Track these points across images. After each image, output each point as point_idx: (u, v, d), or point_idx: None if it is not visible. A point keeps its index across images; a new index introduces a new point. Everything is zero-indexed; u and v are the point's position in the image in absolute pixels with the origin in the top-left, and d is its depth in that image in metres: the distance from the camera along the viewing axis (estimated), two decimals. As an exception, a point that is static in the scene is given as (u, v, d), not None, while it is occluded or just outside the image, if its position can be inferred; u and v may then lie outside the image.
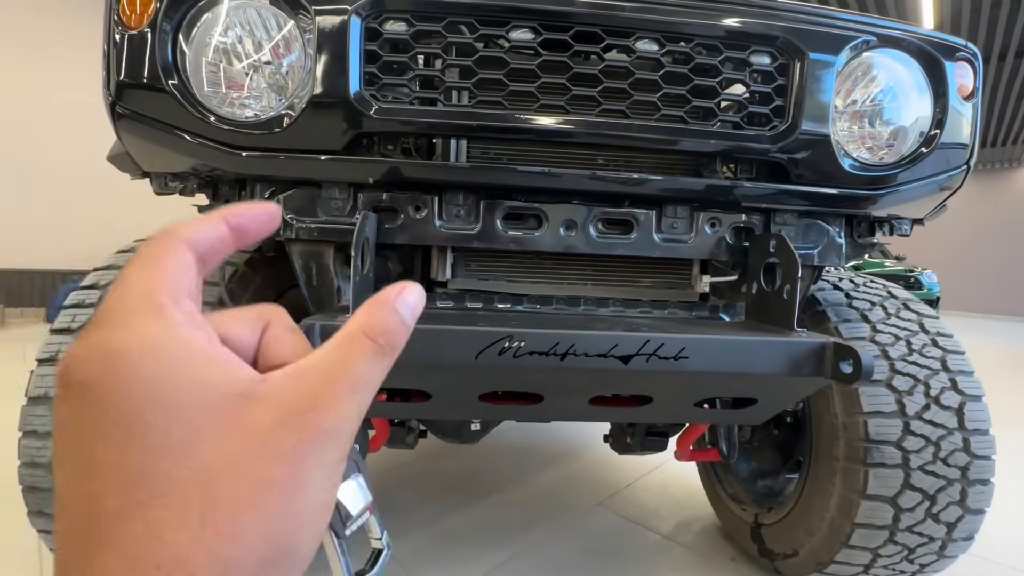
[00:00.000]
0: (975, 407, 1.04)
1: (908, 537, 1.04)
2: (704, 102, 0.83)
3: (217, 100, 0.79)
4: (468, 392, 0.80)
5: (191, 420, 0.19)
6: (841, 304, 1.16)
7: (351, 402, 0.21)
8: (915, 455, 1.01)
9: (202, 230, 0.23)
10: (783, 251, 0.81)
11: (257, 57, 0.79)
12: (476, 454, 2.05)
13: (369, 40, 0.78)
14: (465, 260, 0.93)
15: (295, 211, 0.84)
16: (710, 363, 0.69)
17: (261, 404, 0.20)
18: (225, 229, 0.24)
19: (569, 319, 0.83)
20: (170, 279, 0.21)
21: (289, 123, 0.78)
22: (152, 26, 0.75)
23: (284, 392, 0.20)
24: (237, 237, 0.25)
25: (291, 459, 0.19)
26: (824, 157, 0.85)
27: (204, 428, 0.19)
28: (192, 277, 0.22)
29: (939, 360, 1.07)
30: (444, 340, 0.66)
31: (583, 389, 0.79)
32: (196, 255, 0.23)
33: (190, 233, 0.23)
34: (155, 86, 0.76)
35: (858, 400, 1.03)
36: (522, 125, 0.79)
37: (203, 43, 0.78)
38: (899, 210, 0.96)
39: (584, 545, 1.47)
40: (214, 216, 0.24)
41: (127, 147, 0.87)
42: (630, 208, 0.87)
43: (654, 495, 1.80)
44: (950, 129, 0.90)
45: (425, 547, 1.41)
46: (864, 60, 0.87)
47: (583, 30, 0.79)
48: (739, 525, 1.43)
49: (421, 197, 0.83)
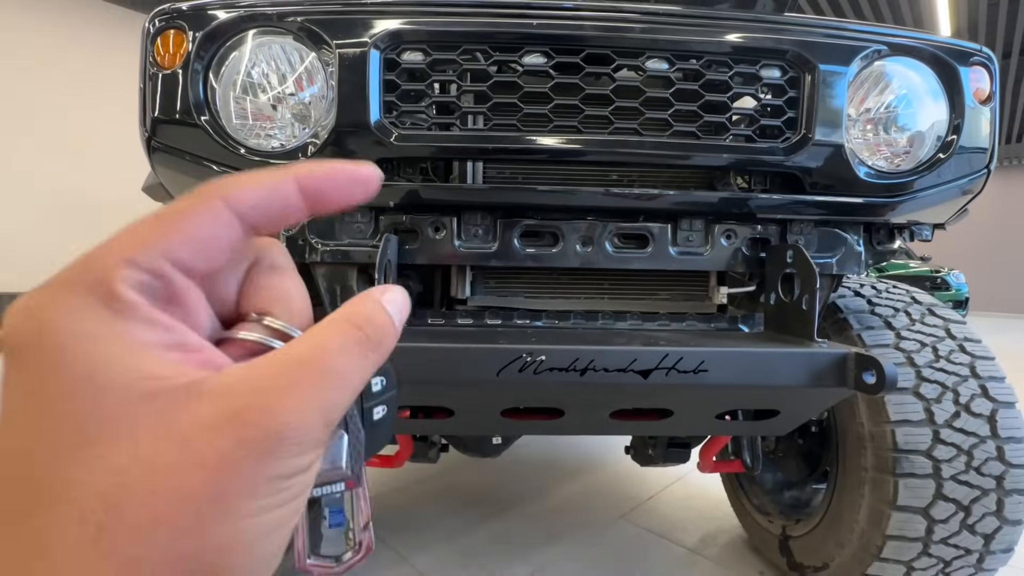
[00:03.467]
0: (1008, 414, 1.01)
1: (943, 549, 1.01)
2: (715, 117, 0.84)
3: (245, 132, 0.83)
4: (490, 408, 0.81)
5: (111, 416, 0.16)
6: (863, 311, 1.15)
7: (316, 399, 0.17)
8: (946, 464, 0.98)
9: (261, 192, 0.19)
10: (800, 261, 0.81)
11: (281, 90, 0.83)
12: (498, 467, 2.05)
13: (388, 70, 0.81)
14: (484, 278, 0.95)
15: (319, 235, 0.87)
16: (730, 376, 0.69)
17: (203, 400, 0.16)
18: (292, 189, 0.20)
19: (588, 334, 0.84)
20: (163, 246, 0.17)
21: (314, 151, 0.81)
22: (184, 66, 0.80)
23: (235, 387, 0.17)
24: (312, 203, 0.20)
25: (218, 467, 0.15)
26: (839, 166, 0.85)
27: (123, 426, 0.16)
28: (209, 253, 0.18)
29: (968, 366, 1.05)
30: (465, 358, 0.67)
31: (603, 403, 0.80)
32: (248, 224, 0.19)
33: (240, 195, 0.19)
34: (188, 121, 0.81)
35: (885, 409, 1.01)
36: (536, 146, 0.82)
37: (231, 79, 0.82)
38: (919, 216, 0.96)
39: (608, 559, 1.46)
40: (282, 171, 0.20)
41: (161, 178, 0.91)
42: (645, 223, 0.88)
43: (677, 507, 1.78)
44: (968, 133, 0.89)
45: (448, 561, 1.42)
46: (876, 69, 0.87)
47: (594, 52, 0.81)
48: (766, 537, 1.41)
49: (440, 218, 0.86)
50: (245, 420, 0.16)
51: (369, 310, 0.20)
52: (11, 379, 0.16)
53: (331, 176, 0.21)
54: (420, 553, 1.44)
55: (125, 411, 0.16)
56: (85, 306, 0.16)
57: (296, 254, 0.88)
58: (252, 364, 0.17)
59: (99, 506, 0.15)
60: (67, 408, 0.15)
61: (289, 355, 0.18)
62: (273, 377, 0.17)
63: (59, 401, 0.16)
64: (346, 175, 0.21)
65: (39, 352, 0.16)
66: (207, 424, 0.16)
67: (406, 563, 1.40)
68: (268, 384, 0.17)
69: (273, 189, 0.19)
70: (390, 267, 0.78)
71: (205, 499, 0.15)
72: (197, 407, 0.16)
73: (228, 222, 0.18)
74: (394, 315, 0.21)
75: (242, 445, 0.16)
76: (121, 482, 0.15)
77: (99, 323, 0.16)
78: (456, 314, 0.90)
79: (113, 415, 0.16)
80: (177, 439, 0.16)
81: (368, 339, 0.19)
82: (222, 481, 0.16)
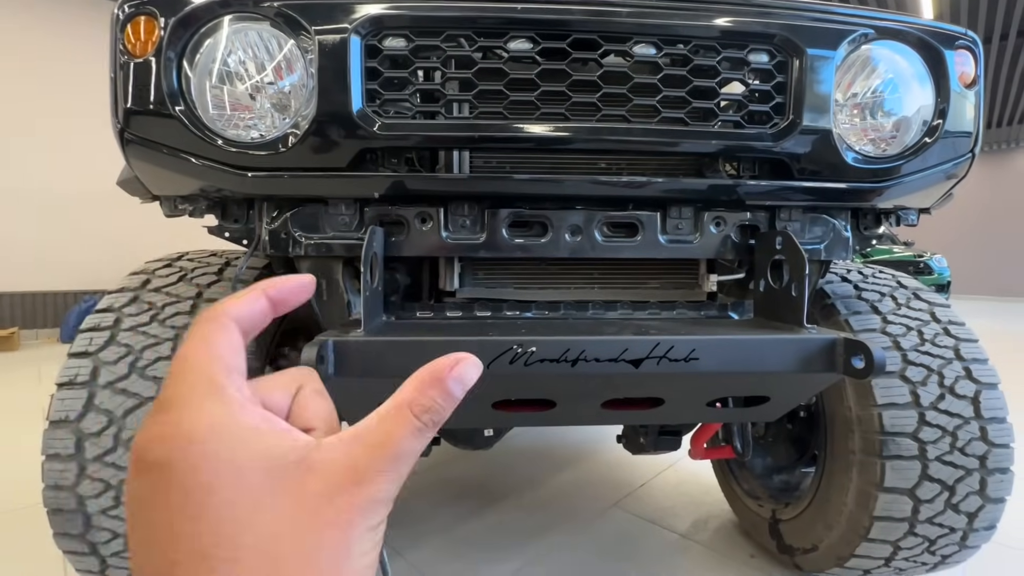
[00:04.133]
0: (991, 395, 1.03)
1: (928, 529, 1.03)
2: (704, 103, 0.84)
3: (223, 123, 0.80)
4: (481, 401, 0.80)
5: (253, 492, 0.21)
6: (850, 296, 1.16)
7: (394, 474, 0.23)
8: (932, 446, 1.00)
9: (246, 306, 0.27)
10: (789, 248, 0.81)
11: (259, 78, 0.80)
12: (490, 459, 2.05)
13: (369, 57, 0.79)
14: (472, 269, 0.94)
15: (303, 228, 0.85)
16: (721, 363, 0.69)
17: (315, 474, 0.22)
18: (265, 303, 0.28)
19: (578, 324, 0.83)
20: (224, 359, 0.24)
21: (294, 142, 0.79)
22: (157, 54, 0.77)
23: (335, 463, 0.23)
24: (276, 308, 0.28)
25: (340, 524, 0.22)
26: (827, 151, 0.85)
27: (265, 498, 0.21)
28: (241, 353, 0.25)
29: (952, 349, 1.06)
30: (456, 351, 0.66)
31: (595, 394, 0.80)
32: (242, 331, 0.26)
33: (236, 311, 0.26)
34: (162, 112, 0.78)
35: (872, 392, 1.02)
36: (523, 134, 0.80)
37: (207, 68, 0.79)
38: (905, 201, 0.96)
39: (601, 547, 1.47)
40: (254, 291, 0.27)
41: (136, 172, 0.88)
42: (634, 211, 0.88)
43: (669, 494, 1.80)
44: (953, 117, 0.89)
45: (442, 554, 1.42)
46: (863, 53, 0.87)
47: (580, 37, 0.79)
48: (757, 521, 1.43)
49: (426, 209, 0.84)
50: (352, 491, 0.22)
51: (430, 401, 0.25)
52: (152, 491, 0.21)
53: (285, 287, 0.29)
54: (413, 547, 1.44)
55: (264, 487, 0.21)
56: (212, 410, 0.22)
57: (280, 248, 0.86)
58: (342, 445, 0.23)
59: (263, 558, 0.21)
60: (219, 492, 0.21)
61: (369, 439, 0.24)
62: (364, 458, 0.23)
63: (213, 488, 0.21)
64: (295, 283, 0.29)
65: (187, 457, 0.21)
66: (328, 493, 0.22)
67: (399, 557, 1.39)
68: (363, 464, 0.23)
69: (256, 303, 0.27)
70: (376, 260, 0.76)
71: (341, 546, 0.22)
72: (314, 480, 0.22)
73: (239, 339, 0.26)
74: (457, 394, 0.26)
75: (353, 508, 0.22)
76: (274, 540, 0.21)
77: (227, 419, 0.22)
78: (445, 306, 0.89)
79: (254, 491, 0.21)
80: (310, 505, 0.22)
81: (425, 427, 0.24)
82: (350, 533, 0.22)
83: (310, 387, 0.29)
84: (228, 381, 0.24)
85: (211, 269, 1.12)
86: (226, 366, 0.24)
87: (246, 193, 0.85)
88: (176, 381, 0.23)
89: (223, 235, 0.93)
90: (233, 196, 0.88)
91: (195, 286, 1.06)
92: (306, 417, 0.27)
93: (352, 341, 0.64)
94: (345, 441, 0.24)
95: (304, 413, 0.28)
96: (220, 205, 0.92)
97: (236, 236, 0.92)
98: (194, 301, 1.03)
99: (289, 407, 0.28)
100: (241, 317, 0.26)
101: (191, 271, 1.11)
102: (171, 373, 0.24)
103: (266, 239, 0.86)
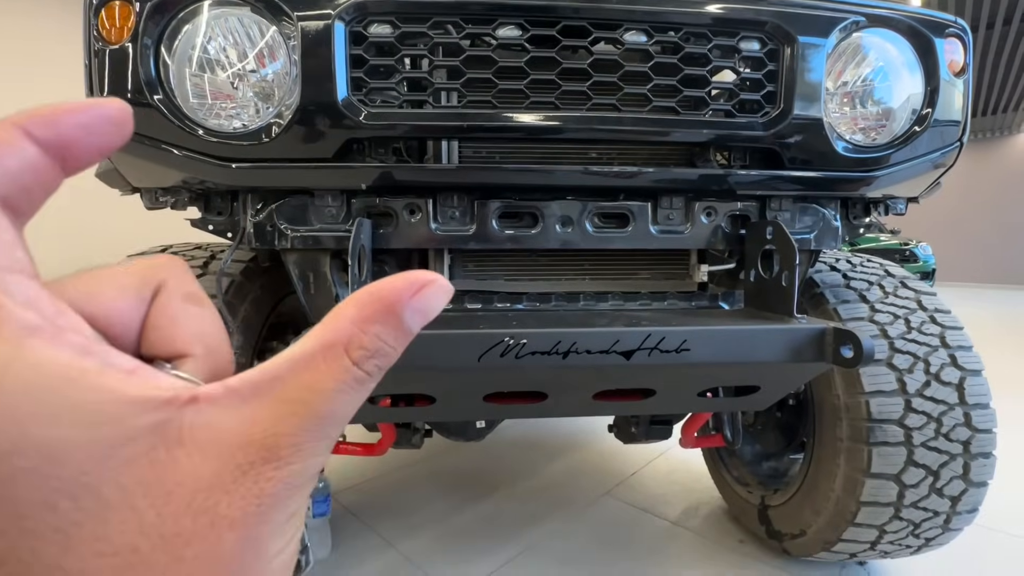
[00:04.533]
0: (975, 381, 1.05)
1: (913, 513, 1.05)
2: (695, 91, 0.83)
3: (204, 112, 0.78)
4: (472, 394, 0.80)
5: (84, 489, 0.13)
6: (839, 285, 1.16)
7: (321, 443, 0.15)
8: (917, 432, 1.02)
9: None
10: (780, 238, 0.81)
11: (241, 66, 0.78)
12: (482, 450, 2.06)
13: (354, 44, 0.77)
14: (462, 261, 0.93)
15: (289, 221, 0.83)
16: (712, 354, 0.69)
17: (193, 448, 0.14)
18: (32, 151, 0.14)
19: (569, 316, 0.83)
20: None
21: (278, 132, 0.77)
22: (133, 40, 0.74)
23: (227, 428, 0.14)
24: (58, 159, 0.15)
25: (245, 523, 0.14)
26: (817, 141, 0.85)
27: (108, 497, 0.13)
28: (16, 240, 0.14)
29: (938, 337, 1.08)
30: (445, 345, 0.65)
31: (586, 385, 0.79)
32: (7, 205, 0.14)
33: None
34: (139, 101, 0.75)
35: (859, 380, 1.04)
36: (513, 123, 0.79)
37: (186, 55, 0.76)
38: (894, 190, 0.96)
39: (594, 535, 1.48)
40: (7, 128, 0.14)
41: (115, 163, 0.86)
42: (625, 201, 0.87)
43: (660, 482, 1.82)
44: (942, 106, 0.89)
45: (436, 545, 1.42)
46: (854, 41, 0.86)
47: (570, 24, 0.78)
48: (746, 508, 1.45)
49: (415, 201, 0.83)
50: (260, 473, 0.14)
51: (375, 339, 0.16)
52: None
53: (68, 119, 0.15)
54: (406, 538, 1.45)
55: (103, 473, 0.13)
56: None
57: (266, 241, 0.84)
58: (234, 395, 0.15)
59: None
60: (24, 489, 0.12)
61: (283, 393, 0.15)
62: (275, 422, 0.15)
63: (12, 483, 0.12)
64: (90, 111, 0.15)
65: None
66: (216, 485, 0.14)
67: (392, 548, 1.40)
68: (273, 430, 0.14)
69: (15, 155, 0.14)
70: (364, 252, 0.75)
71: (247, 553, 0.14)
72: (192, 456, 0.14)
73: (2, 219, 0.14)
74: (415, 328, 0.17)
75: (263, 497, 0.14)
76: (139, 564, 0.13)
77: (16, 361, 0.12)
78: (435, 299, 0.88)
79: (89, 483, 0.13)
80: (183, 503, 0.13)
81: (367, 377, 0.16)
82: (256, 531, 0.14)
83: (177, 289, 0.18)
84: (4, 293, 0.13)
85: (196, 262, 1.10)
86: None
87: (229, 185, 0.83)
88: None
89: (207, 228, 0.91)
90: (216, 188, 0.86)
91: (179, 280, 1.04)
92: (172, 339, 0.17)
93: None
94: (242, 395, 0.15)
95: (166, 331, 0.17)
96: (203, 197, 0.90)
97: (220, 229, 0.90)
98: (179, 295, 1.01)
99: (141, 323, 0.17)
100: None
101: (175, 265, 1.08)
102: None
103: (251, 232, 0.84)
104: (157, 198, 0.90)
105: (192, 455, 0.14)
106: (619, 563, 1.35)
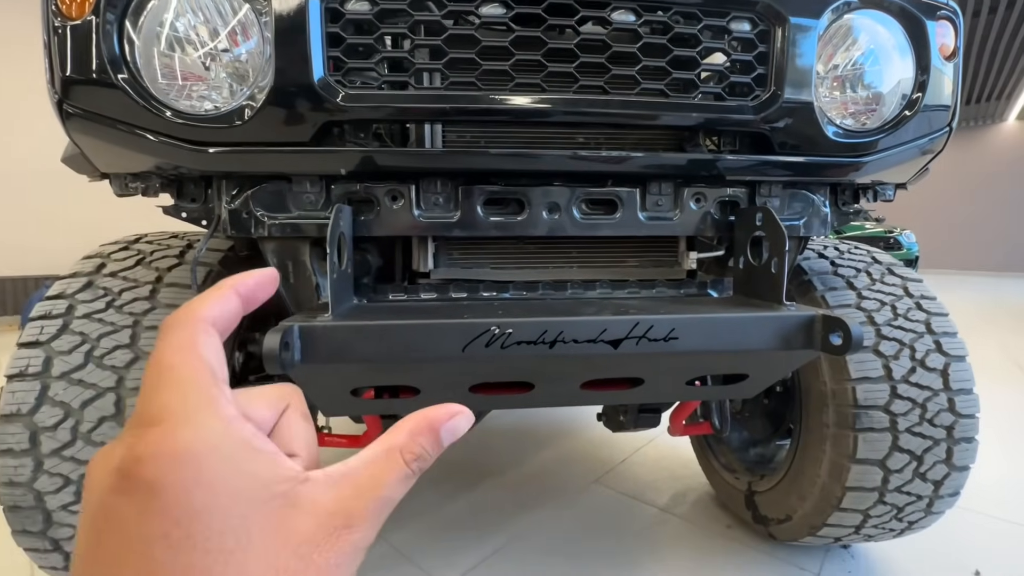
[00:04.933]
0: (959, 367, 1.05)
1: (897, 497, 1.07)
2: (684, 74, 0.81)
3: (173, 93, 0.74)
4: (457, 385, 0.78)
5: (242, 527, 0.20)
6: (827, 272, 1.16)
7: (378, 520, 0.23)
8: (902, 418, 1.02)
9: (219, 306, 0.24)
10: (769, 224, 0.80)
11: (213, 45, 0.74)
12: (470, 440, 2.05)
13: (331, 21, 0.73)
14: (447, 249, 0.90)
15: (266, 208, 0.80)
16: (700, 342, 0.68)
17: (301, 512, 0.21)
18: (238, 302, 0.25)
19: (556, 304, 0.81)
20: (211, 367, 0.22)
21: (251, 115, 0.74)
22: (95, 14, 0.70)
23: (323, 503, 0.22)
24: (247, 305, 0.26)
25: (329, 571, 0.21)
26: (808, 125, 0.84)
27: (253, 532, 0.20)
28: (224, 360, 0.23)
29: (924, 323, 1.08)
30: (429, 335, 0.64)
31: (574, 375, 0.78)
32: (219, 333, 0.24)
33: (210, 312, 0.24)
34: (104, 81, 0.71)
35: (846, 367, 1.04)
36: (497, 106, 0.76)
37: (153, 32, 0.72)
38: (883, 176, 0.96)
39: (583, 523, 1.49)
40: (224, 290, 0.25)
41: (81, 148, 0.82)
42: (613, 187, 0.85)
43: (649, 469, 1.83)
44: (932, 91, 0.88)
45: (425, 535, 1.42)
46: (845, 22, 0.85)
47: (556, 2, 0.75)
48: (733, 494, 1.46)
49: (397, 187, 0.80)
50: (340, 536, 0.21)
51: (421, 449, 0.24)
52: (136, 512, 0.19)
53: (253, 283, 0.27)
54: (395, 529, 1.44)
55: (252, 521, 0.20)
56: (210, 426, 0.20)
57: (242, 229, 0.81)
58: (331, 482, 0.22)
59: None
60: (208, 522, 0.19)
61: (358, 480, 0.23)
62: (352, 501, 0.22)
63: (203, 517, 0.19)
64: (263, 277, 0.27)
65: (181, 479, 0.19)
66: (312, 539, 0.21)
67: (382, 540, 1.39)
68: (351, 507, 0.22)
69: (229, 302, 0.25)
70: (344, 240, 0.72)
71: None
72: (301, 519, 0.21)
73: (219, 343, 0.24)
74: (447, 444, 0.25)
75: (340, 554, 0.21)
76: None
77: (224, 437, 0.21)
78: (419, 288, 0.86)
79: (243, 526, 0.20)
80: (295, 550, 0.20)
81: (412, 475, 0.24)
82: None
83: (297, 408, 0.27)
84: (219, 392, 0.22)
85: (171, 252, 1.06)
86: (215, 375, 0.22)
87: (201, 170, 0.79)
88: (162, 392, 0.21)
89: (180, 216, 0.87)
90: (189, 174, 0.82)
91: (154, 270, 1.01)
92: (288, 440, 0.26)
93: (319, 326, 0.61)
94: (334, 480, 0.22)
95: (288, 436, 0.26)
96: (175, 183, 0.87)
97: (194, 216, 0.87)
98: (153, 286, 0.97)
99: (273, 426, 0.26)
100: (218, 319, 0.24)
101: (150, 254, 1.05)
102: (152, 383, 0.21)
103: (226, 219, 0.81)
104: (127, 184, 0.87)
105: (301, 515, 0.21)
106: (608, 550, 1.36)
